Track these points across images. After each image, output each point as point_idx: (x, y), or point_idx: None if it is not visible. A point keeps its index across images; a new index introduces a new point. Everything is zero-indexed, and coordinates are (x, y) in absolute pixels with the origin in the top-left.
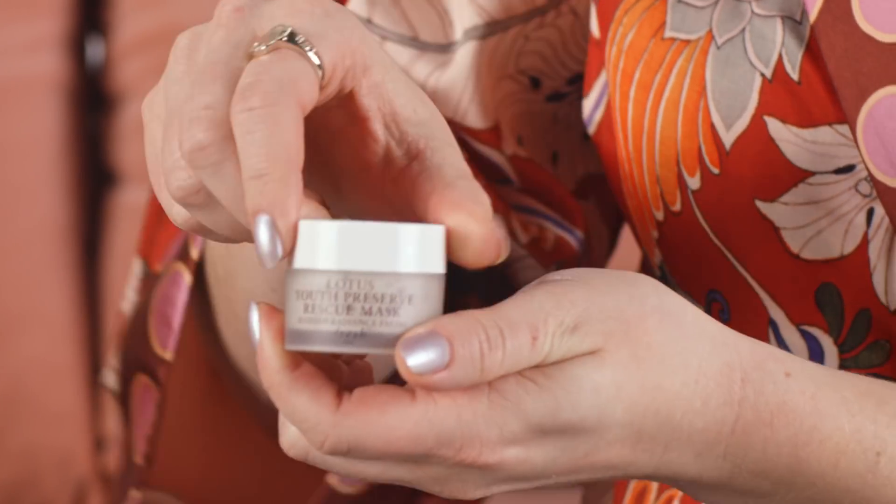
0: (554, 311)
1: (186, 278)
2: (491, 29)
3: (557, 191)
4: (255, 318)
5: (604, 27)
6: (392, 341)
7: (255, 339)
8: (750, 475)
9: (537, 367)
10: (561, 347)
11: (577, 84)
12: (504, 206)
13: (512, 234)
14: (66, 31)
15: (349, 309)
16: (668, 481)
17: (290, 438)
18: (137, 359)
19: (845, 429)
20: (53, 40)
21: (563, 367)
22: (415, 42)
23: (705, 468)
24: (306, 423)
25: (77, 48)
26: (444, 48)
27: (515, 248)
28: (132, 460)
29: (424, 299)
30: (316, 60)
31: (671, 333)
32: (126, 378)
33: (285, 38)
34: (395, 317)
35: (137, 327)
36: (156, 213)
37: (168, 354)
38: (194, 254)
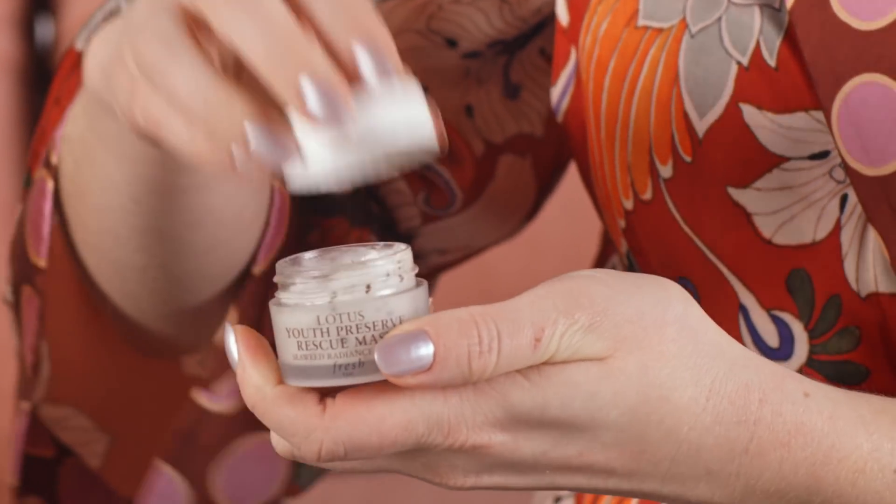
0: (568, 309)
1: (49, 185)
2: None
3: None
4: (231, 338)
5: (576, 15)
6: None
7: (234, 360)
8: (764, 495)
9: (537, 365)
10: (570, 347)
11: (495, 47)
12: None
13: None
14: (15, 10)
15: (343, 342)
16: (675, 502)
17: (276, 436)
18: (22, 269)
19: (863, 448)
20: (2, 20)
21: (563, 370)
22: None
23: (717, 486)
24: (296, 435)
25: (26, 28)
26: None
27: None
28: (25, 372)
29: (414, 314)
30: None
31: (686, 348)
32: (16, 289)
33: None
34: None
35: (19, 236)
36: (41, 125)
37: (42, 262)
38: (54, 159)
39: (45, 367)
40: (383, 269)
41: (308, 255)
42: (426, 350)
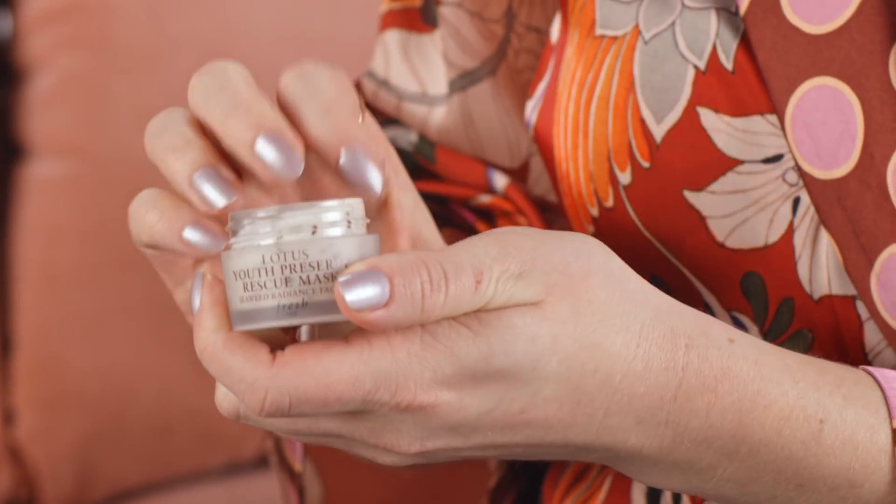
0: (500, 257)
1: None
2: (470, 79)
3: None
4: (198, 284)
5: (564, 31)
6: (335, 307)
7: (195, 306)
8: (692, 444)
9: (475, 312)
10: (504, 293)
11: None
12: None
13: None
14: None
15: (287, 281)
16: (606, 456)
17: (221, 393)
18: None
19: (789, 395)
20: None
21: (501, 315)
22: (424, 97)
23: (647, 436)
24: (242, 382)
25: None
26: (444, 99)
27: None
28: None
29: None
30: None
31: (613, 295)
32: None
33: None
34: (334, 282)
35: None
36: None
37: None
38: None
39: (315, 488)
40: (331, 215)
41: (262, 209)
42: (382, 286)
